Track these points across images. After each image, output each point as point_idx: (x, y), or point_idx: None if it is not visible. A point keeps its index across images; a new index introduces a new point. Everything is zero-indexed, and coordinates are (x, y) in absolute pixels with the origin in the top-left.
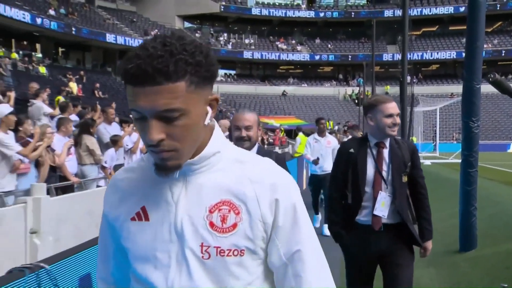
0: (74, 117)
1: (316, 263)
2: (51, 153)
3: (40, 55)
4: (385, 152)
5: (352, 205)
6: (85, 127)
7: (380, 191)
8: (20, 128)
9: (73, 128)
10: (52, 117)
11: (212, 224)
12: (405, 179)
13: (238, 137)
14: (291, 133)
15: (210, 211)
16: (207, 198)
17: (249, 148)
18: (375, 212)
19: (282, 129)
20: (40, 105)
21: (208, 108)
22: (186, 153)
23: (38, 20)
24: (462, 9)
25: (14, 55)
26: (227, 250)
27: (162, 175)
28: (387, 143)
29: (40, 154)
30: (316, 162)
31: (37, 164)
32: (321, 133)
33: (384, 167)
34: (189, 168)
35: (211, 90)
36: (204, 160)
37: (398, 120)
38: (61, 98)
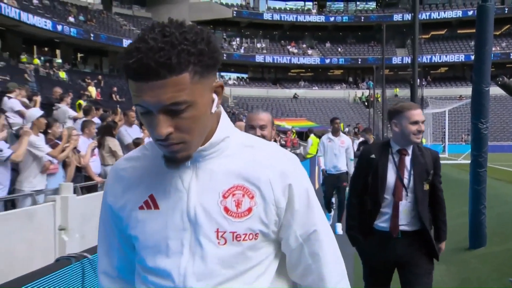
0: (96, 120)
1: (331, 242)
2: (76, 154)
3: (60, 60)
4: (407, 160)
5: (370, 210)
6: (108, 129)
7: (400, 201)
8: (49, 131)
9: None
10: (75, 120)
11: (226, 209)
12: (426, 187)
13: None
14: (302, 135)
15: (223, 197)
16: (219, 184)
17: None
18: (401, 222)
19: (294, 131)
20: (65, 109)
21: (214, 96)
22: (195, 144)
23: (59, 27)
24: (470, 12)
25: (36, 61)
26: (243, 234)
27: (172, 167)
28: (410, 150)
29: (67, 155)
30: (323, 172)
31: (64, 164)
32: (335, 133)
33: (406, 175)
34: (199, 155)
35: (215, 77)
36: (214, 146)
37: (423, 127)
38: (82, 102)
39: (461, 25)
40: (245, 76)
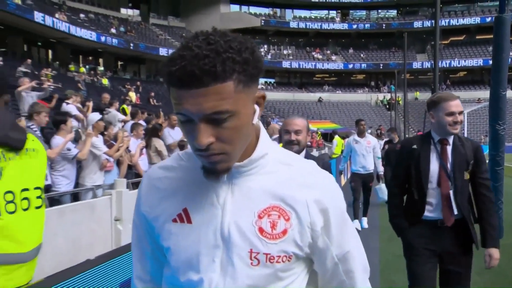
0: (142, 122)
1: (361, 256)
2: (128, 153)
3: (102, 68)
4: (449, 149)
5: (416, 201)
6: (154, 131)
7: (449, 190)
8: (105, 133)
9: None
10: (123, 122)
11: (261, 230)
12: (467, 176)
13: (287, 141)
14: (327, 136)
15: (259, 217)
16: (255, 203)
17: (298, 152)
18: (454, 211)
19: (319, 132)
20: (115, 113)
21: (256, 106)
22: (236, 155)
23: (103, 38)
24: (488, 19)
25: (82, 69)
26: (277, 256)
27: (212, 179)
28: (451, 140)
29: (121, 154)
30: (340, 173)
31: (118, 162)
32: (361, 134)
33: (448, 164)
34: (237, 171)
35: (257, 87)
36: (253, 163)
37: (459, 118)
38: (125, 107)
39: (479, 31)
40: (272, 81)
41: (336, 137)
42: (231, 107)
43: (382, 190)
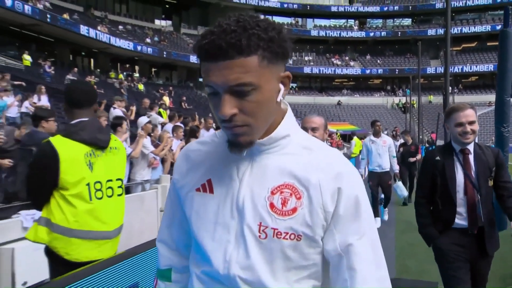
0: (180, 125)
1: (372, 258)
2: (170, 152)
3: (137, 74)
4: (471, 158)
5: (445, 210)
6: (193, 132)
7: (475, 199)
8: (152, 134)
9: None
10: (163, 125)
11: (272, 206)
12: (490, 183)
13: None
14: (346, 137)
15: (272, 193)
16: (270, 180)
17: None
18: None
19: (338, 133)
20: (155, 116)
21: (281, 86)
22: (258, 130)
23: (139, 47)
24: (498, 27)
25: (121, 76)
26: (284, 232)
27: (235, 152)
28: (471, 149)
29: (166, 153)
30: (361, 173)
31: (162, 160)
32: (377, 134)
33: (472, 173)
34: (258, 148)
35: (284, 67)
36: (273, 141)
37: (469, 128)
38: (161, 110)
39: (490, 38)
40: (294, 85)
41: (355, 138)
42: (254, 80)
43: (400, 187)
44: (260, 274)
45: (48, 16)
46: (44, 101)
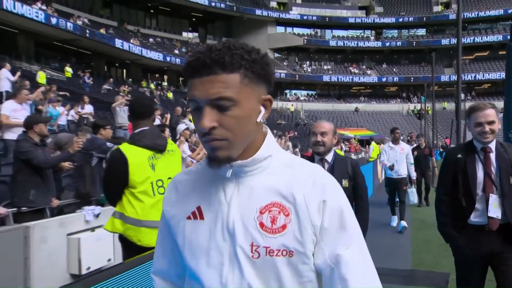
0: None
1: (362, 267)
2: (205, 155)
3: (165, 83)
4: (492, 156)
5: (465, 207)
6: None
7: (491, 194)
8: (189, 139)
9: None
10: (195, 131)
11: (262, 225)
12: None
13: (314, 142)
14: (363, 142)
15: (260, 212)
16: (258, 200)
17: (324, 153)
18: (489, 214)
19: (356, 139)
20: (188, 123)
21: (262, 108)
22: (236, 146)
23: (168, 58)
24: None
25: (152, 86)
26: (276, 250)
27: (214, 167)
28: (493, 147)
29: (201, 157)
30: (391, 167)
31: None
32: (396, 141)
33: (493, 170)
34: (241, 170)
35: (266, 91)
36: (256, 162)
37: (487, 128)
38: (192, 118)
39: (502, 47)
40: (313, 93)
41: (373, 143)
42: (234, 96)
43: (413, 194)
44: None
45: (88, 31)
46: (87, 109)
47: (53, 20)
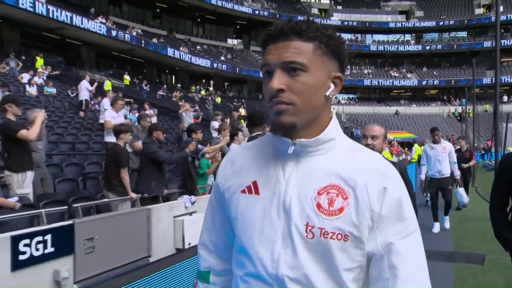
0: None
1: (414, 259)
2: None
3: (211, 88)
4: None
5: None
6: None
7: None
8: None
9: None
10: None
11: (319, 206)
12: None
13: (364, 145)
14: (404, 145)
15: (318, 193)
16: (317, 181)
17: None
18: None
19: (396, 141)
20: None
21: (331, 84)
22: (302, 113)
23: (214, 65)
24: None
25: (204, 92)
26: (331, 232)
27: (278, 134)
28: None
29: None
30: (421, 183)
31: None
32: (436, 142)
33: None
34: (304, 150)
35: (338, 69)
36: (320, 143)
37: None
38: (242, 121)
39: None
40: (354, 96)
41: (415, 145)
42: (306, 62)
43: (460, 193)
44: (308, 273)
45: (143, 41)
46: (152, 114)
47: (113, 32)
